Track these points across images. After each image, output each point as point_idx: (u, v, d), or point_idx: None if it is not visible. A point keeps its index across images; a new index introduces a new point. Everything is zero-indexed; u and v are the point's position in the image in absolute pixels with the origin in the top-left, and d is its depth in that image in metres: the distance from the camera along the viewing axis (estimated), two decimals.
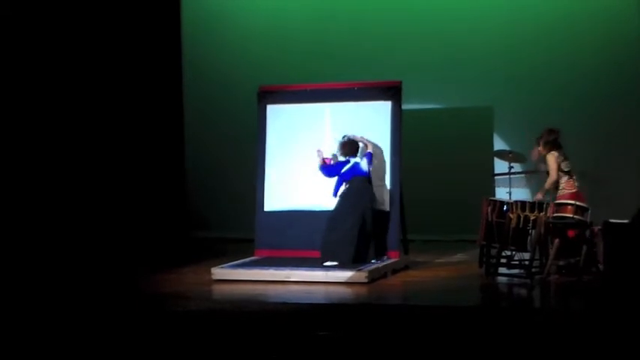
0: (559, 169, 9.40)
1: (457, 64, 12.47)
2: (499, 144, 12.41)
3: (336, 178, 10.03)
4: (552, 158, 9.42)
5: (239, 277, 9.29)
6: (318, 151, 10.21)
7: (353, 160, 10.03)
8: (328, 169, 10.13)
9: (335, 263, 9.51)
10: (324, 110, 10.61)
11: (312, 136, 10.57)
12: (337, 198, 9.94)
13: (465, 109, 12.62)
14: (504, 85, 12.42)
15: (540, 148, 9.51)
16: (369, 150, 10.10)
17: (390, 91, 10.36)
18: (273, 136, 10.75)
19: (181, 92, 13.20)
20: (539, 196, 9.52)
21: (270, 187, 10.65)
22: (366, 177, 9.97)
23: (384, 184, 10.24)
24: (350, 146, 10.08)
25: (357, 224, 9.67)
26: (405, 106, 10.47)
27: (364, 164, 10.00)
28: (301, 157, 10.56)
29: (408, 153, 10.65)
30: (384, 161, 10.30)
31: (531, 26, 12.33)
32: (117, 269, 10.25)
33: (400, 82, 10.36)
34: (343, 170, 10.02)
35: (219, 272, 9.40)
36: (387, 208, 10.17)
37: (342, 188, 9.98)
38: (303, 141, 10.62)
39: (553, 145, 9.44)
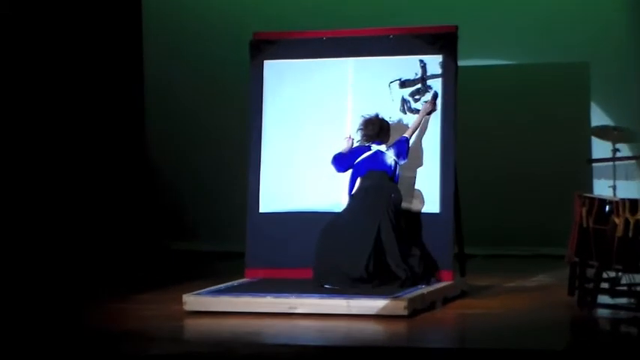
0: None
1: None
2: (597, 118, 12.62)
3: (350, 173, 9.97)
4: None
5: (222, 307, 9.13)
6: (349, 138, 10.18)
7: (376, 148, 9.92)
8: (338, 160, 10.06)
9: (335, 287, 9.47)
10: (346, 67, 10.51)
11: (327, 107, 10.46)
12: (349, 199, 9.90)
13: (553, 64, 12.89)
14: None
15: None
16: (407, 135, 10.09)
17: (440, 40, 10.33)
18: (271, 105, 10.63)
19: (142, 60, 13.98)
20: None
21: (268, 180, 10.53)
22: (388, 173, 9.88)
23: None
24: (376, 127, 9.93)
25: (372, 237, 9.56)
26: (461, 62, 10.37)
27: (390, 156, 9.91)
28: (311, 138, 10.45)
29: (464, 129, 10.53)
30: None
31: None
32: (63, 297, 10.37)
33: (456, 28, 10.28)
34: (357, 160, 9.92)
35: (194, 300, 9.20)
36: (436, 209, 10.11)
37: (356, 185, 9.92)
38: (314, 114, 10.50)
39: None
